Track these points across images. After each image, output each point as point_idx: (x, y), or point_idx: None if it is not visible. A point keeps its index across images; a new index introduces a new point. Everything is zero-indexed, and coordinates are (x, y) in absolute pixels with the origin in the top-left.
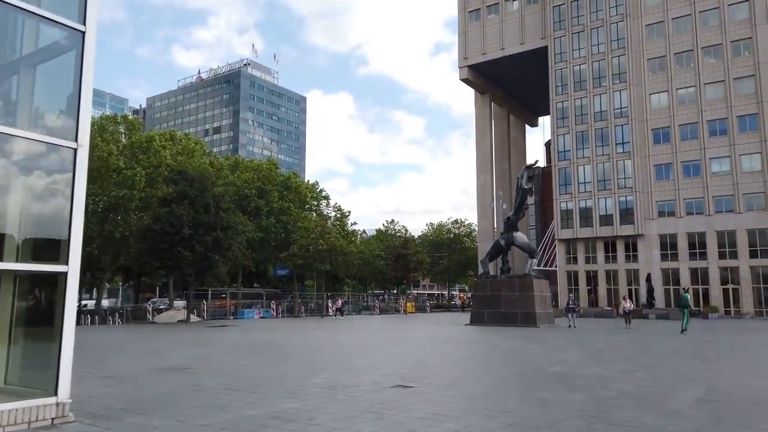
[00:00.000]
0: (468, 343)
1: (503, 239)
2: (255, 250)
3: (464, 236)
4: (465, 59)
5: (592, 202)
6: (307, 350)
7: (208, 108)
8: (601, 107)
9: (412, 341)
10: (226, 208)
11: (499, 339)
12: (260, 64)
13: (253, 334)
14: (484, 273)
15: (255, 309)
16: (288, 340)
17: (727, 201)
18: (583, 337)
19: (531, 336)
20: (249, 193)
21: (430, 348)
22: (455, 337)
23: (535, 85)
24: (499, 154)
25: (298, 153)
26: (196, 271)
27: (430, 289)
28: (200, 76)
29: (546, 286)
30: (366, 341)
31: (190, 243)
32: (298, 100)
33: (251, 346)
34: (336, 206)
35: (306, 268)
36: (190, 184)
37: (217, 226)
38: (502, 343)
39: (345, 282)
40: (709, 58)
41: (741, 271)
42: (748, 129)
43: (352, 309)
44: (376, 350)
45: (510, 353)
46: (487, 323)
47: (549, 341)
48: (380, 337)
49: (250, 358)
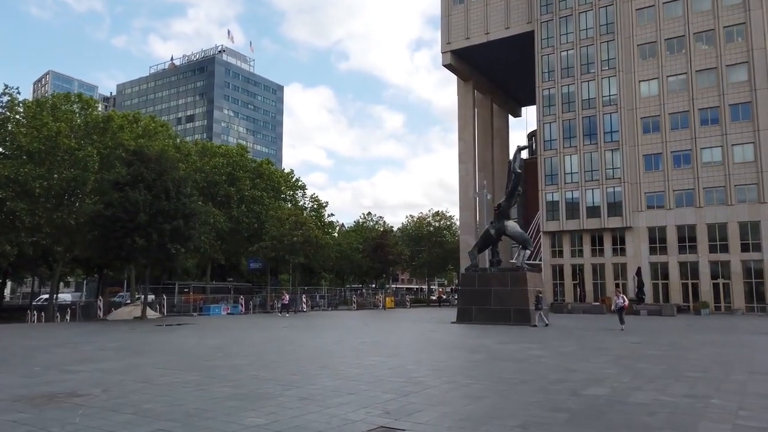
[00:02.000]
0: (461, 348)
1: (493, 228)
2: (225, 241)
3: (444, 229)
4: (448, 44)
5: (578, 193)
6: (261, 362)
7: (181, 96)
8: (589, 95)
9: (393, 345)
10: (188, 193)
11: (495, 342)
12: (236, 51)
13: (206, 336)
14: (472, 266)
15: (222, 304)
16: (243, 344)
17: (718, 192)
18: (588, 338)
19: (529, 337)
20: (218, 179)
21: (417, 356)
22: (443, 339)
23: (519, 73)
24: (481, 143)
25: (275, 143)
26: (151, 262)
27: (408, 283)
28: (173, 62)
29: (540, 280)
30: (339, 345)
31: (146, 231)
32: (275, 89)
33: (193, 355)
34: (313, 197)
35: (280, 261)
36: (147, 167)
37: (177, 213)
38: (501, 348)
39: (321, 276)
40: (701, 44)
41: (732, 265)
42: (741, 118)
43: (329, 304)
44: (350, 360)
45: (519, 364)
46: (476, 321)
47: (554, 344)
48: (356, 338)
49: (178, 376)
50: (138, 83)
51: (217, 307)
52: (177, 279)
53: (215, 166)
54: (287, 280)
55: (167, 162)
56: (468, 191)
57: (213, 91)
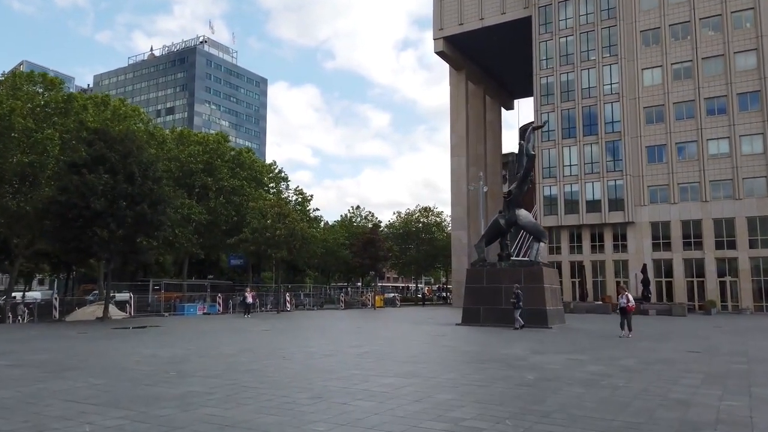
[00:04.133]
0: (493, 361)
1: (503, 218)
2: (202, 234)
3: (433, 226)
4: (440, 30)
5: (578, 187)
6: (227, 387)
7: (161, 87)
8: (589, 83)
9: (402, 356)
10: (156, 177)
11: (527, 351)
12: (218, 42)
13: (167, 343)
14: (479, 260)
15: (198, 303)
16: (210, 356)
17: (725, 186)
18: (629, 346)
19: (559, 344)
20: (195, 168)
21: (443, 375)
22: (461, 347)
23: (514, 63)
24: (474, 136)
25: (258, 138)
26: (114, 256)
27: (394, 282)
28: (152, 53)
29: (555, 276)
30: (333, 358)
31: (105, 220)
32: (258, 82)
33: (133, 376)
34: (297, 189)
35: (261, 256)
36: (110, 147)
37: (143, 199)
38: (544, 362)
39: (306, 273)
40: (707, 30)
41: (740, 262)
42: (749, 108)
43: (314, 303)
44: (354, 384)
45: (594, 390)
46: (484, 322)
47: (603, 355)
48: (352, 346)
49: (90, 417)
50: (116, 74)
51: (193, 306)
52: (153, 276)
53: (191, 154)
54: (270, 278)
55: (133, 143)
56: (460, 185)
57: (194, 82)
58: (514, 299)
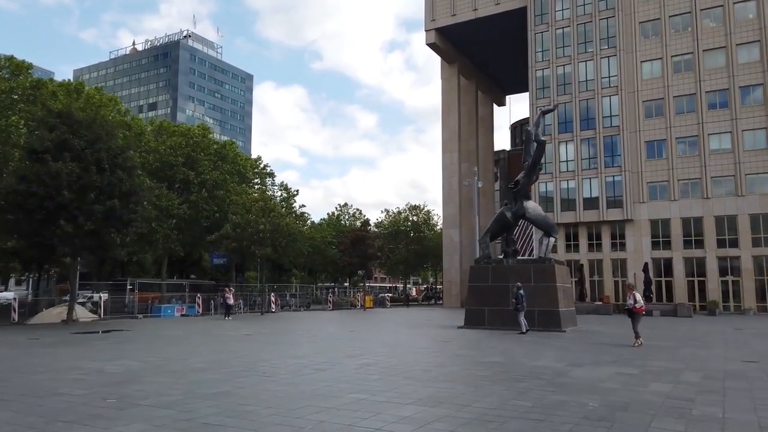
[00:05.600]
0: (529, 377)
1: (510, 210)
2: (182, 230)
3: (422, 224)
4: (432, 21)
5: (575, 183)
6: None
7: (143, 82)
8: (586, 76)
9: (414, 371)
10: (128, 166)
11: (559, 362)
12: (202, 37)
13: (127, 353)
14: (483, 256)
15: (176, 304)
16: (171, 371)
17: (727, 182)
18: (667, 352)
19: (592, 352)
20: (175, 161)
21: (477, 401)
22: (473, 359)
23: (507, 57)
24: (466, 131)
25: (244, 135)
26: (75, 252)
27: (382, 282)
28: (134, 47)
29: (567, 274)
30: (328, 373)
31: (71, 213)
32: (244, 78)
33: (47, 405)
34: (282, 185)
35: (245, 254)
36: (76, 132)
37: (113, 190)
38: (589, 378)
39: (292, 273)
40: (708, 21)
41: (742, 261)
42: (752, 101)
43: (300, 303)
44: (364, 421)
45: (691, 427)
46: (489, 325)
47: (651, 366)
48: (349, 356)
49: None
50: (96, 69)
51: (170, 307)
52: (132, 275)
53: (172, 146)
54: (255, 278)
55: (102, 128)
56: (452, 182)
57: (177, 78)
58: (515, 300)
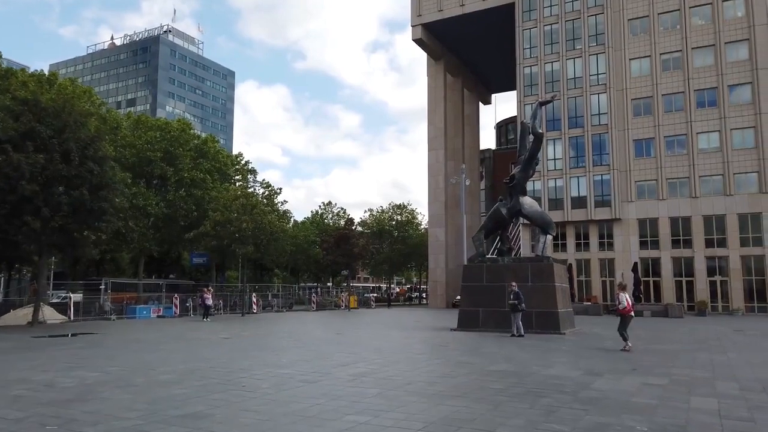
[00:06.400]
0: (538, 393)
1: (505, 207)
2: (159, 229)
3: (407, 223)
4: (419, 16)
5: (563, 182)
6: None
7: (122, 78)
8: (574, 73)
9: (404, 391)
10: (99, 157)
11: (574, 371)
12: (183, 32)
13: (86, 360)
14: (477, 254)
15: (152, 305)
16: (129, 387)
17: (715, 181)
18: (691, 359)
19: (604, 358)
20: (153, 157)
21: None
22: (480, 368)
23: (493, 55)
24: (452, 129)
25: (225, 132)
26: (42, 249)
27: (365, 282)
28: (113, 42)
29: (565, 273)
30: (320, 386)
31: (36, 206)
32: (226, 75)
33: None
34: (264, 182)
35: (225, 253)
36: (42, 121)
37: (82, 183)
38: (612, 391)
39: (274, 273)
40: (697, 19)
41: (730, 261)
42: (741, 100)
43: (282, 304)
44: None
45: None
46: (483, 327)
47: (676, 375)
48: (330, 369)
49: None
50: (74, 63)
51: (146, 308)
52: (108, 275)
53: (149, 140)
54: (236, 277)
55: (71, 116)
56: (438, 180)
57: (157, 73)
58: (514, 299)
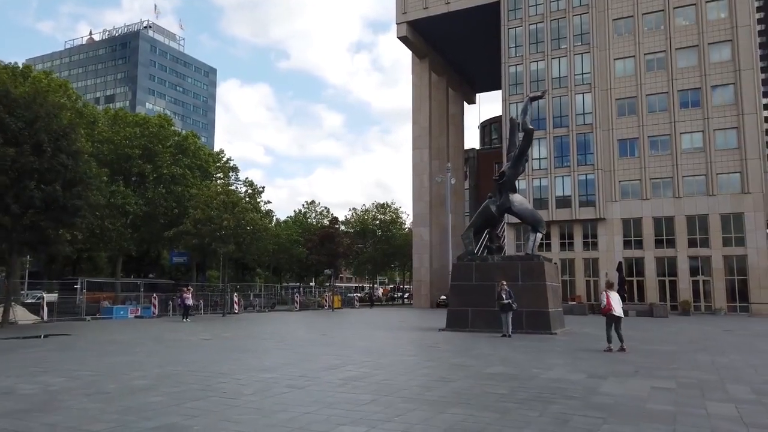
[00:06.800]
0: (545, 399)
1: (494, 204)
2: (137, 228)
3: (390, 223)
4: (404, 14)
5: (547, 181)
6: None
7: (100, 74)
8: (559, 73)
9: (399, 397)
10: (72, 151)
11: (575, 374)
12: (163, 28)
13: (50, 365)
14: (466, 253)
15: (130, 305)
16: (84, 403)
17: (698, 182)
18: (692, 360)
19: (602, 360)
20: (131, 153)
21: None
22: (476, 371)
23: (477, 55)
24: (436, 128)
25: (207, 130)
26: (11, 246)
27: (348, 282)
28: (91, 37)
29: (556, 272)
30: (287, 409)
31: (4, 201)
32: (207, 72)
33: None
34: (247, 181)
35: (205, 252)
36: (12, 112)
37: (56, 177)
38: (623, 396)
39: (256, 272)
40: (681, 19)
41: (713, 261)
42: (724, 101)
43: (265, 304)
44: None
45: None
46: (473, 327)
47: (684, 377)
48: (318, 373)
49: None
50: (50, 58)
51: (123, 308)
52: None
53: (128, 137)
54: (217, 277)
55: (43, 107)
56: (423, 179)
57: (137, 69)
58: (509, 299)
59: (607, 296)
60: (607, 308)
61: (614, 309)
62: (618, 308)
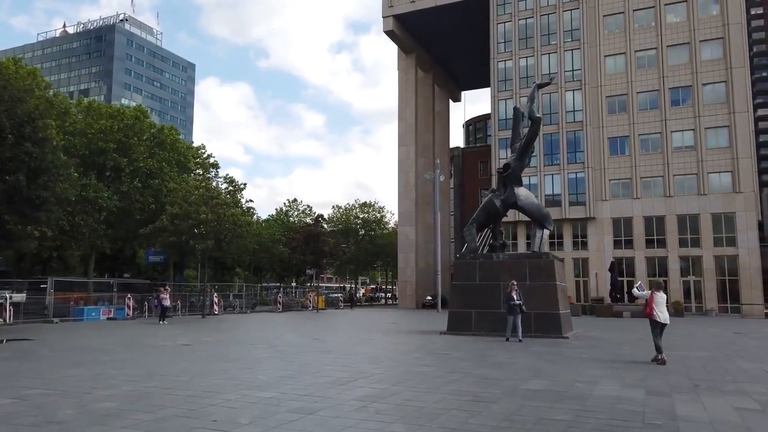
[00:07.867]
0: (618, 426)
1: (499, 198)
2: (111, 224)
3: (373, 222)
4: (390, 7)
5: (536, 179)
6: None
7: (74, 68)
8: (549, 69)
9: (439, 427)
10: (38, 138)
11: (628, 389)
12: (140, 21)
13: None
14: (469, 250)
15: (102, 306)
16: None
17: (689, 181)
18: (742, 371)
19: (640, 370)
20: (105, 147)
21: None
22: (510, 387)
23: (464, 51)
24: (422, 125)
25: (185, 126)
26: None
27: (329, 281)
28: (65, 30)
29: (563, 271)
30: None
31: None
32: (185, 67)
33: None
34: (227, 177)
35: (183, 250)
36: None
37: (19, 167)
38: (709, 423)
39: (235, 272)
40: (672, 16)
41: (704, 261)
42: (715, 99)
43: (245, 304)
44: None
45: None
46: (477, 330)
47: (754, 392)
48: (326, 391)
49: None
50: (22, 51)
51: (95, 309)
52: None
53: (102, 129)
54: (195, 277)
55: (6, 90)
56: (409, 176)
57: (112, 63)
58: (519, 300)
59: (651, 298)
60: (648, 311)
61: (656, 314)
62: (662, 313)
